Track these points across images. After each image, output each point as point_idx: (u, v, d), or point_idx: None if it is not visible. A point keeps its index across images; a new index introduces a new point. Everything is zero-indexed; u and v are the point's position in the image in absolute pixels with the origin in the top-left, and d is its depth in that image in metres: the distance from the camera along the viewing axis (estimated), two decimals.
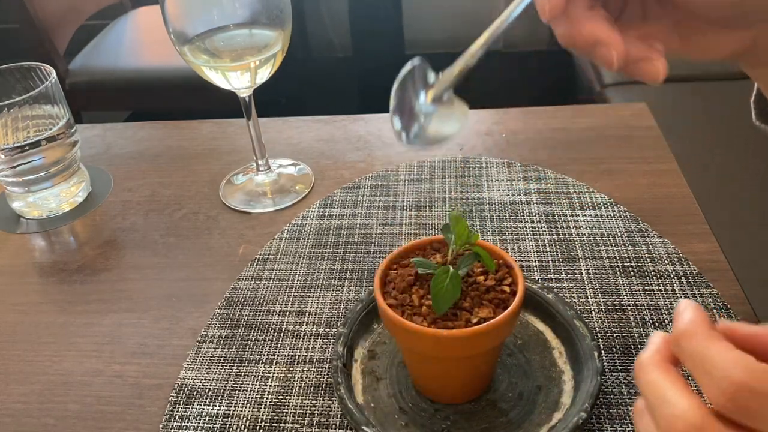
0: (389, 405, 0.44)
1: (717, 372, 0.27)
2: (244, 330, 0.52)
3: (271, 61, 0.59)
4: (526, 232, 0.59)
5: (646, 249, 0.56)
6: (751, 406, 0.26)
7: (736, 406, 0.27)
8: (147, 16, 1.94)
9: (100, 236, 0.64)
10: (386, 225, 0.62)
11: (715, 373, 0.27)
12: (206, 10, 0.58)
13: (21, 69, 0.65)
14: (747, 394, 0.26)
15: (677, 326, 0.29)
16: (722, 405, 0.27)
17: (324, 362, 0.49)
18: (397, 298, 0.38)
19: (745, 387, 0.26)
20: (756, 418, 0.27)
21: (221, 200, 0.67)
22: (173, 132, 0.80)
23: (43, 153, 0.64)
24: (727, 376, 0.27)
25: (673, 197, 0.62)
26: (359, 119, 0.79)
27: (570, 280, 0.53)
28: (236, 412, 0.46)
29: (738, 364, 0.27)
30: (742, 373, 0.27)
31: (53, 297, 0.58)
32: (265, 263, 0.58)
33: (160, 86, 1.68)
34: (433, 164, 0.69)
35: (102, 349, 0.52)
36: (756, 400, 0.26)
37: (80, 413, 0.47)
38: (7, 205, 0.68)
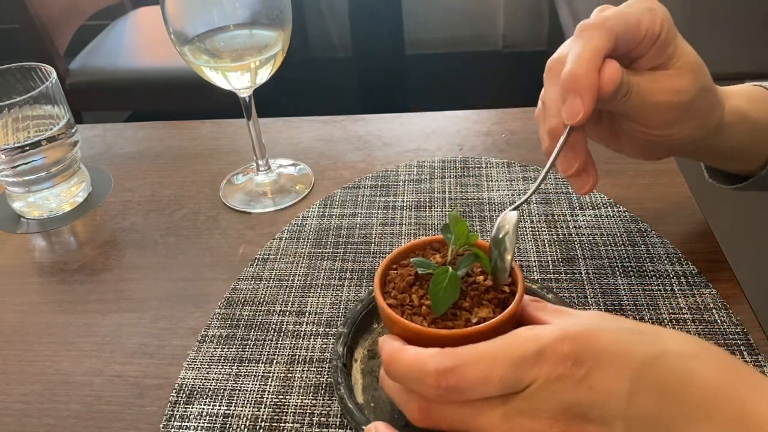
0: (389, 405, 0.44)
1: (417, 373, 0.33)
2: (244, 330, 0.52)
3: (271, 61, 0.59)
4: (525, 232, 0.59)
5: (646, 249, 0.56)
6: (456, 383, 0.32)
7: (446, 390, 0.32)
8: (147, 16, 1.94)
9: (100, 236, 0.65)
10: (386, 225, 0.62)
11: (417, 375, 0.33)
12: (206, 10, 0.58)
13: (21, 69, 0.65)
14: (446, 374, 0.32)
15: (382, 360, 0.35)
16: (437, 395, 0.33)
17: (324, 362, 0.49)
18: (397, 298, 0.38)
19: (441, 371, 0.32)
20: (464, 391, 0.32)
21: (221, 200, 0.67)
22: (173, 132, 0.80)
23: (44, 153, 0.64)
24: (425, 371, 0.32)
25: (673, 197, 0.62)
26: (359, 119, 0.79)
27: (569, 280, 0.54)
28: (236, 412, 0.46)
29: (428, 358, 0.33)
30: (433, 361, 0.32)
31: (53, 297, 0.58)
32: (265, 263, 0.58)
33: (160, 86, 1.68)
34: (433, 164, 0.69)
35: (102, 349, 0.52)
36: (455, 376, 0.32)
37: (80, 413, 0.47)
38: (7, 205, 0.68)
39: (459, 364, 0.32)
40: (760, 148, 0.52)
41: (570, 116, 0.41)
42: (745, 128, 0.50)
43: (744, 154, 0.52)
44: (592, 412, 0.31)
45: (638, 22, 0.42)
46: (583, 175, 0.44)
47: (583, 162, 0.43)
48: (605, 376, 0.31)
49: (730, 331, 0.48)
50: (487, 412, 0.33)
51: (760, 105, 0.51)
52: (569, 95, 0.41)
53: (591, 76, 0.40)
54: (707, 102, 0.46)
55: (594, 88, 0.40)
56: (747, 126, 0.50)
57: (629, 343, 0.32)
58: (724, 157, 0.53)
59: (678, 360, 0.32)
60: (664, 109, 0.44)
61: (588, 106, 0.40)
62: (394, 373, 0.35)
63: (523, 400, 0.32)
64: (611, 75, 0.40)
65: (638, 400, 0.31)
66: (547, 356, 0.31)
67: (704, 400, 0.31)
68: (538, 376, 0.31)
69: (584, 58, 0.40)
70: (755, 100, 0.51)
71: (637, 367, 0.31)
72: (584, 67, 0.40)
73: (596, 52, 0.40)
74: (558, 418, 0.31)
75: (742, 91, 0.51)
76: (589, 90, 0.40)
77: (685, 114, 0.45)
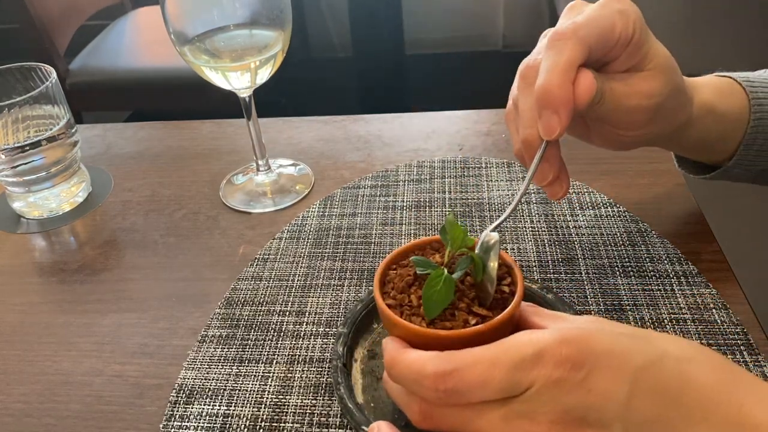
0: (389, 405, 0.44)
1: (416, 375, 0.33)
2: (244, 330, 0.52)
3: (271, 61, 0.59)
4: (525, 232, 0.59)
5: (646, 249, 0.56)
6: (454, 386, 0.32)
7: (444, 393, 0.32)
8: (147, 16, 1.94)
9: (100, 236, 0.65)
10: (386, 225, 0.62)
11: (416, 377, 0.33)
12: (206, 10, 0.58)
13: (21, 69, 0.65)
14: (444, 377, 0.32)
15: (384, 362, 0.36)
16: (436, 398, 0.33)
17: (324, 362, 0.49)
18: (396, 298, 0.38)
19: (440, 374, 0.32)
20: (463, 394, 0.32)
21: (221, 200, 0.67)
22: (173, 132, 0.80)
23: (44, 153, 0.64)
24: (424, 374, 0.33)
25: (673, 197, 0.62)
26: (359, 119, 0.79)
27: (569, 280, 0.54)
28: (236, 412, 0.46)
29: (427, 361, 0.33)
30: (432, 364, 0.33)
31: (53, 297, 0.58)
32: (265, 263, 0.58)
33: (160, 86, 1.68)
34: (433, 164, 0.69)
35: (102, 349, 0.52)
36: (453, 379, 0.32)
37: (80, 413, 0.47)
38: (7, 205, 0.68)
39: (457, 368, 0.32)
40: (728, 140, 0.52)
41: (547, 132, 0.40)
42: (713, 121, 0.50)
43: (712, 145, 0.52)
44: (591, 415, 0.31)
45: (611, 26, 0.41)
46: (556, 183, 0.44)
47: (557, 171, 0.43)
48: (604, 379, 0.31)
49: (730, 331, 0.48)
50: (487, 415, 0.33)
51: (728, 98, 0.51)
52: (544, 111, 0.40)
53: (565, 91, 0.39)
54: (678, 102, 0.46)
55: (569, 104, 0.39)
56: (714, 119, 0.50)
57: (627, 346, 0.32)
58: (692, 149, 0.54)
59: (675, 363, 0.32)
60: (637, 112, 0.44)
61: (564, 121, 0.40)
62: (395, 375, 0.35)
63: (523, 403, 0.32)
64: (586, 88, 0.40)
65: (636, 403, 0.31)
66: (545, 359, 0.31)
67: (701, 403, 0.31)
68: (537, 379, 0.31)
69: (557, 72, 0.39)
70: (723, 93, 0.51)
71: (635, 371, 0.31)
72: (557, 81, 0.39)
73: (570, 64, 0.40)
74: (557, 421, 0.32)
75: (710, 83, 0.51)
76: (565, 105, 0.39)
77: (657, 115, 0.45)
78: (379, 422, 0.36)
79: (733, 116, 0.51)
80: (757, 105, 0.50)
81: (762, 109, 0.50)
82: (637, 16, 0.42)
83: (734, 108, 0.51)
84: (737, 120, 0.51)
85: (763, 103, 0.51)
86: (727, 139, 0.52)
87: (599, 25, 0.41)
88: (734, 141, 0.52)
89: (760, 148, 0.51)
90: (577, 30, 0.40)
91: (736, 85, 0.51)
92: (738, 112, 0.51)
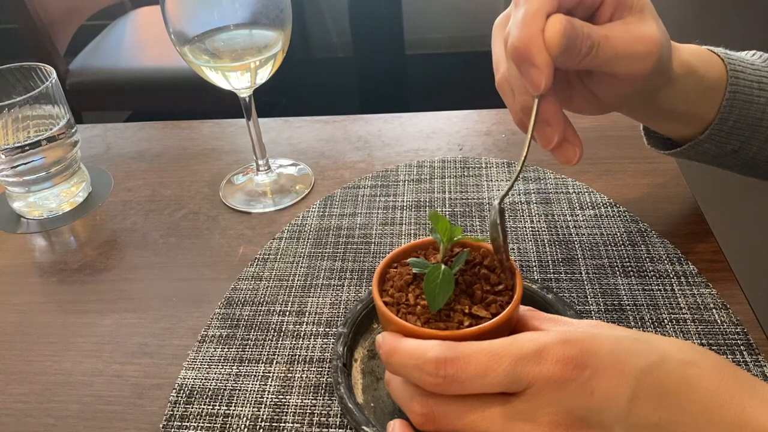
0: (389, 405, 0.44)
1: (416, 361, 0.33)
2: (244, 330, 0.52)
3: (271, 61, 0.59)
4: (525, 232, 0.59)
5: (646, 249, 0.56)
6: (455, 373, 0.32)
7: (444, 379, 0.32)
8: (147, 16, 1.94)
9: (101, 236, 0.65)
10: (386, 225, 0.62)
11: (416, 363, 0.33)
12: (206, 10, 0.58)
13: (21, 69, 0.65)
14: (445, 364, 0.32)
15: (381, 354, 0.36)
16: (435, 384, 0.32)
17: (324, 362, 0.49)
18: (394, 297, 0.38)
19: (441, 360, 0.32)
20: (462, 383, 0.32)
21: (221, 200, 0.67)
22: (173, 132, 0.80)
23: (44, 153, 0.64)
24: (425, 359, 0.32)
25: (673, 197, 0.62)
26: (359, 119, 0.79)
27: (569, 280, 0.54)
28: (236, 412, 0.46)
29: (429, 347, 0.33)
30: (434, 350, 0.32)
31: (53, 297, 0.58)
32: (265, 263, 0.58)
33: (160, 86, 1.68)
34: (433, 164, 0.69)
35: (102, 349, 0.52)
36: (454, 366, 0.32)
37: (80, 413, 0.47)
38: (7, 205, 0.68)
39: (459, 356, 0.32)
40: (703, 108, 0.50)
41: (533, 87, 0.38)
42: (693, 83, 0.48)
43: (687, 114, 0.50)
44: (592, 417, 0.31)
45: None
46: (566, 146, 0.42)
47: (562, 132, 0.41)
48: (607, 381, 0.31)
49: (730, 331, 0.48)
50: (488, 416, 0.33)
51: (707, 64, 0.49)
52: (523, 67, 0.38)
53: (536, 40, 0.37)
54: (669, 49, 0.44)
55: (543, 52, 0.37)
56: (694, 81, 0.48)
57: (630, 349, 0.32)
58: (667, 116, 0.51)
59: (678, 366, 0.32)
60: (645, 58, 0.42)
61: (546, 71, 0.38)
62: (395, 363, 0.34)
63: (524, 403, 0.32)
64: (552, 33, 0.37)
65: (639, 407, 0.31)
66: (547, 357, 0.31)
67: (704, 406, 0.31)
68: (538, 377, 0.31)
69: (523, 24, 0.38)
70: (703, 57, 0.49)
71: (638, 374, 0.31)
72: (524, 33, 0.37)
73: (535, 13, 0.37)
74: (558, 423, 0.31)
75: (689, 46, 0.50)
76: (539, 55, 0.37)
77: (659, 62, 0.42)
78: (395, 420, 0.36)
79: (711, 82, 0.49)
80: (734, 77, 0.49)
81: (738, 83, 0.49)
82: None
83: (712, 74, 0.49)
84: (714, 88, 0.49)
85: (739, 77, 0.50)
86: (702, 106, 0.50)
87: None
88: (709, 112, 0.50)
89: (734, 124, 0.50)
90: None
91: (715, 56, 0.50)
92: (716, 80, 0.49)
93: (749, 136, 0.51)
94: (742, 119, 0.50)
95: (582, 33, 0.39)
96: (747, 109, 0.50)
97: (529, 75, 0.38)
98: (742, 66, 0.50)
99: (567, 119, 0.42)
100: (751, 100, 0.50)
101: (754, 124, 0.50)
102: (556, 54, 0.38)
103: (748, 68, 0.50)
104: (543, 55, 0.37)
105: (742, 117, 0.50)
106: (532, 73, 0.38)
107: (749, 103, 0.50)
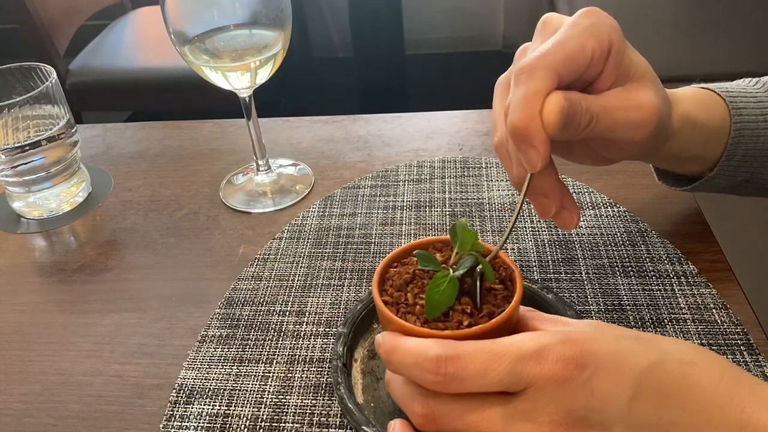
0: (389, 405, 0.44)
1: (417, 359, 0.33)
2: (244, 330, 0.52)
3: (271, 61, 0.59)
4: (525, 232, 0.59)
5: (646, 249, 0.56)
6: (455, 371, 0.32)
7: (445, 377, 0.32)
8: (147, 16, 1.94)
9: (101, 236, 0.65)
10: (386, 225, 0.62)
11: (417, 361, 0.33)
12: (206, 10, 0.58)
13: (21, 69, 0.65)
14: (446, 362, 0.32)
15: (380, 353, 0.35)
16: (436, 382, 0.33)
17: (324, 362, 0.49)
18: (393, 296, 0.38)
19: (442, 357, 0.32)
20: (463, 381, 0.32)
21: (221, 200, 0.67)
22: (173, 132, 0.80)
23: (44, 153, 0.64)
24: (426, 357, 0.33)
25: (673, 197, 0.62)
26: (359, 119, 0.79)
27: (569, 280, 0.54)
28: (236, 412, 0.46)
29: (430, 345, 0.33)
30: (435, 348, 0.33)
31: (53, 297, 0.58)
32: (265, 263, 0.58)
33: (160, 86, 1.68)
34: (433, 164, 0.69)
35: (102, 349, 0.52)
36: (454, 365, 0.32)
37: (80, 413, 0.47)
38: (7, 205, 0.68)
39: (459, 354, 0.32)
40: (709, 151, 0.51)
41: (529, 166, 0.39)
42: (694, 132, 0.49)
43: (693, 157, 0.51)
44: (592, 417, 0.31)
45: (581, 46, 0.39)
46: (564, 213, 0.43)
47: (559, 204, 0.42)
48: (607, 381, 0.31)
49: (730, 331, 0.48)
50: (489, 416, 0.33)
51: (708, 109, 0.50)
52: (521, 146, 0.39)
53: (536, 123, 0.38)
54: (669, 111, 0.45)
55: (541, 133, 0.38)
56: (695, 130, 0.49)
57: (631, 350, 0.32)
58: (673, 160, 0.52)
59: (678, 366, 0.32)
60: (642, 126, 0.42)
61: (542, 152, 0.38)
62: (395, 361, 0.34)
63: (524, 402, 0.32)
64: (551, 111, 0.38)
65: (639, 407, 0.31)
66: (548, 356, 0.31)
67: (704, 406, 0.31)
68: (539, 376, 0.31)
69: (522, 106, 0.38)
70: (704, 104, 0.50)
71: (638, 374, 0.31)
72: (525, 114, 0.38)
73: (534, 95, 0.38)
74: (559, 423, 0.31)
75: (689, 94, 0.50)
76: (537, 136, 0.38)
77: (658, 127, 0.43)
78: (396, 420, 0.36)
79: (714, 127, 0.50)
80: (738, 115, 0.50)
81: (742, 119, 0.50)
82: (611, 27, 0.41)
83: (715, 119, 0.50)
84: (718, 131, 0.50)
85: (742, 113, 0.50)
86: (707, 150, 0.51)
87: (566, 47, 0.39)
88: (715, 152, 0.51)
89: (742, 159, 0.51)
90: (541, 60, 0.39)
91: (715, 96, 0.51)
92: (718, 123, 0.50)
93: (759, 165, 0.51)
94: (750, 152, 0.51)
95: (580, 108, 0.39)
96: (754, 143, 0.50)
97: (527, 154, 0.39)
98: (745, 101, 0.51)
99: (564, 188, 0.43)
100: (757, 133, 0.50)
101: (762, 155, 0.51)
102: (554, 133, 0.38)
103: (750, 102, 0.51)
104: (540, 136, 0.38)
105: (749, 150, 0.51)
106: (529, 153, 0.39)
107: (755, 137, 0.50)
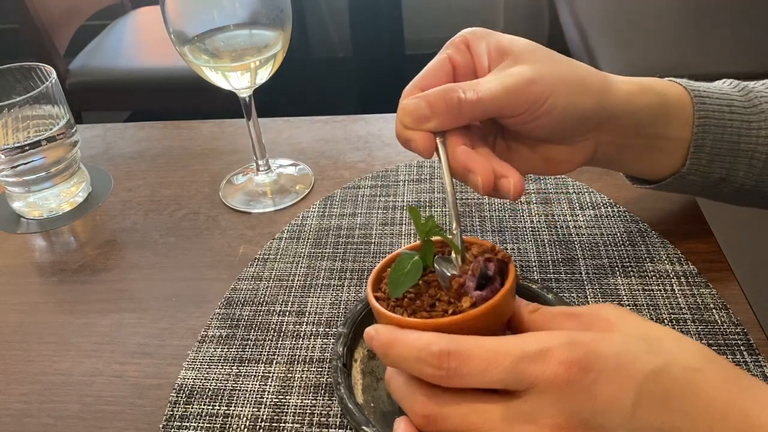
0: (389, 405, 0.44)
1: (419, 353, 0.33)
2: (244, 330, 0.52)
3: (271, 61, 0.59)
4: (525, 232, 0.59)
5: (646, 249, 0.56)
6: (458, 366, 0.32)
7: (447, 371, 0.32)
8: (147, 16, 1.94)
9: (101, 236, 0.65)
10: (386, 225, 0.62)
11: (419, 354, 0.33)
12: (206, 10, 0.58)
13: (21, 69, 0.65)
14: (449, 356, 0.32)
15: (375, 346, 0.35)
16: (437, 376, 0.33)
17: (324, 362, 0.49)
18: (386, 292, 0.39)
19: (445, 352, 0.32)
20: (464, 377, 0.32)
21: (221, 200, 0.67)
22: (173, 132, 0.80)
23: (44, 153, 0.64)
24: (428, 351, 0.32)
25: (673, 197, 0.62)
26: (359, 119, 0.79)
27: (569, 280, 0.54)
28: (236, 412, 0.46)
29: (432, 339, 0.33)
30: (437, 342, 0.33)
31: (53, 297, 0.58)
32: (265, 263, 0.58)
33: (160, 86, 1.68)
34: (433, 164, 0.69)
35: (102, 349, 0.52)
36: (456, 360, 0.32)
37: (80, 413, 0.47)
38: (7, 205, 0.68)
39: (462, 349, 0.32)
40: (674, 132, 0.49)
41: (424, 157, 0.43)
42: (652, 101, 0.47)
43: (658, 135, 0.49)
44: (595, 420, 0.31)
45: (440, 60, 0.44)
46: (503, 181, 0.42)
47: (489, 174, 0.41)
48: (611, 385, 0.31)
49: (730, 331, 0.48)
50: (490, 417, 0.33)
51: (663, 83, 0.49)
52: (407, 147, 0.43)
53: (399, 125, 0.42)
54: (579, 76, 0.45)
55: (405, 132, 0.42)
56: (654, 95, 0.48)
57: (636, 353, 0.32)
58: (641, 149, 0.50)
59: (682, 373, 0.32)
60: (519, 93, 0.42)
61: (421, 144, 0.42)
62: (394, 355, 0.34)
63: (525, 403, 0.32)
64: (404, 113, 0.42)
65: (642, 412, 0.31)
66: (551, 357, 0.31)
67: (707, 412, 0.31)
68: (541, 377, 0.31)
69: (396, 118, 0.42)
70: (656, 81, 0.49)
71: (642, 379, 0.31)
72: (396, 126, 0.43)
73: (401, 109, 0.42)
74: (560, 425, 0.31)
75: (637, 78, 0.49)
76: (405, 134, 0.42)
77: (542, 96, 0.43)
78: (401, 419, 0.36)
79: (674, 102, 0.48)
80: (701, 104, 0.48)
81: (705, 107, 0.48)
82: (467, 32, 0.45)
83: (674, 91, 0.49)
84: (679, 108, 0.48)
85: (705, 102, 0.49)
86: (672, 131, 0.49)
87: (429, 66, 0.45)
88: (682, 142, 0.49)
89: (711, 150, 0.49)
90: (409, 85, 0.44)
91: (674, 84, 0.50)
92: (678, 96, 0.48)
93: (732, 161, 0.50)
94: (719, 144, 0.49)
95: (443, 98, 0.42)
96: (721, 134, 0.49)
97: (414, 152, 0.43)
98: (708, 92, 0.49)
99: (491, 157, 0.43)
100: (723, 124, 0.49)
101: (733, 148, 0.49)
102: (412, 125, 0.42)
103: (714, 93, 0.49)
104: (406, 134, 0.42)
105: (717, 142, 0.49)
106: (412, 149, 0.42)
107: (722, 127, 0.49)
